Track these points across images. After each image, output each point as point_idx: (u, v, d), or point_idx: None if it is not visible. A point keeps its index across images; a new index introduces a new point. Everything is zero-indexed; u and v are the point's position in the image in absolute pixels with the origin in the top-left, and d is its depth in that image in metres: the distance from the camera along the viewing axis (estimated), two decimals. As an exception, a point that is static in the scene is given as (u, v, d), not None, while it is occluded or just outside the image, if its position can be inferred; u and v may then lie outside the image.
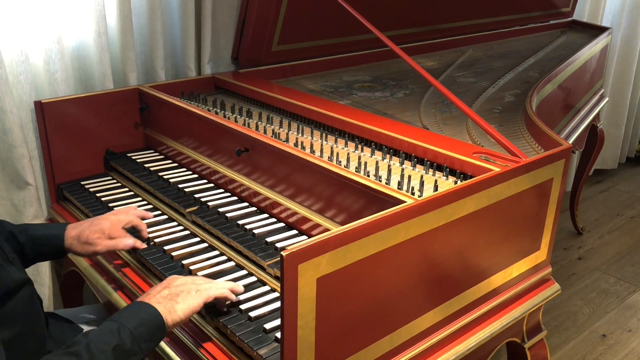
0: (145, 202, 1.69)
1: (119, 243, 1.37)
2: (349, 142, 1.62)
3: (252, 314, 1.19)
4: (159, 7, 2.01)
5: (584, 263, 3.13)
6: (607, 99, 3.18)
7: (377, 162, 1.46)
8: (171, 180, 1.73)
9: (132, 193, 1.76)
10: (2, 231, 1.33)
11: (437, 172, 1.43)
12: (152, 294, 1.12)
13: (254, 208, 1.57)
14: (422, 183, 1.32)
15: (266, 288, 1.29)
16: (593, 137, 3.19)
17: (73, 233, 1.37)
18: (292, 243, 1.40)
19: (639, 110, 4.39)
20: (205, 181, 1.74)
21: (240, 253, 1.40)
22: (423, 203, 1.11)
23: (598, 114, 3.02)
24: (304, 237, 1.43)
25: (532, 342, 1.54)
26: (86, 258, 1.56)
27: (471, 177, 1.32)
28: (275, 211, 1.52)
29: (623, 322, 2.64)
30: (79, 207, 1.72)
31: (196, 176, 1.77)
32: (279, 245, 1.39)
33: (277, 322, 1.17)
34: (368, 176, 1.37)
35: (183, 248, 1.44)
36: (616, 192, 4.01)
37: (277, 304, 1.23)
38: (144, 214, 1.51)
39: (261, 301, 1.24)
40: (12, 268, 1.12)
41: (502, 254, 1.36)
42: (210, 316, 1.20)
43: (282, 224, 1.49)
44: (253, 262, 1.36)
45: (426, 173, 1.43)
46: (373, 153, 1.54)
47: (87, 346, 0.97)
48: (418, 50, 2.73)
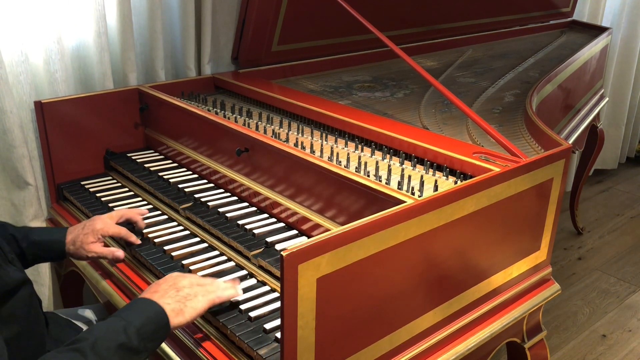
0: (145, 202, 1.69)
1: (108, 253, 1.38)
2: (349, 142, 1.62)
3: (252, 314, 1.19)
4: (159, 7, 2.01)
5: (584, 263, 3.13)
6: (607, 99, 3.18)
7: (377, 162, 1.46)
8: (171, 180, 1.73)
9: (132, 193, 1.76)
10: (4, 233, 1.33)
11: (437, 172, 1.43)
12: (159, 292, 1.10)
13: (254, 208, 1.57)
14: (422, 183, 1.32)
15: (266, 288, 1.29)
16: (593, 137, 3.19)
17: (69, 238, 1.39)
18: (292, 243, 1.40)
19: (639, 110, 4.39)
20: (205, 181, 1.74)
21: (240, 253, 1.40)
22: (423, 203, 1.11)
23: (598, 114, 3.02)
24: (304, 237, 1.43)
25: (532, 342, 1.54)
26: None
27: (471, 177, 1.32)
28: (275, 211, 1.52)
29: (623, 322, 2.64)
30: (79, 207, 1.72)
31: (196, 176, 1.77)
32: (279, 245, 1.39)
33: (277, 322, 1.17)
34: (368, 176, 1.37)
35: (183, 248, 1.44)
36: (616, 192, 4.01)
37: (277, 304, 1.23)
38: (139, 210, 1.53)
39: (261, 301, 1.24)
40: (12, 268, 1.12)
41: (502, 254, 1.36)
42: (210, 315, 1.20)
43: (282, 224, 1.49)
44: (253, 262, 1.36)
45: (426, 173, 1.43)
46: (373, 153, 1.54)
47: (93, 344, 0.96)
48: (418, 50, 2.73)
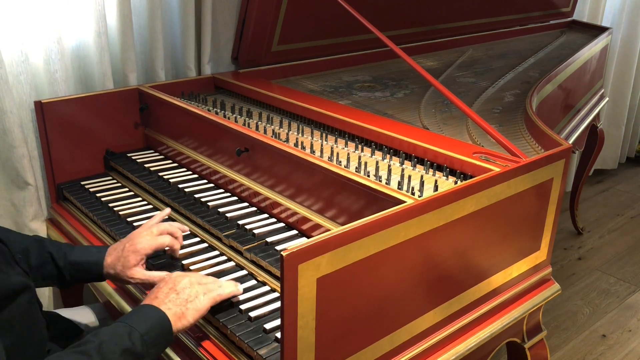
0: (145, 202, 1.69)
1: (158, 279, 1.26)
2: (349, 142, 1.62)
3: (252, 314, 1.19)
4: (159, 7, 2.01)
5: (584, 263, 3.13)
6: (607, 99, 3.18)
7: (377, 162, 1.46)
8: (171, 180, 1.73)
9: (132, 193, 1.75)
10: (41, 252, 1.29)
11: (437, 172, 1.43)
12: (160, 298, 1.10)
13: (254, 208, 1.57)
14: (422, 183, 1.32)
15: (266, 288, 1.29)
16: (593, 137, 3.19)
17: (109, 260, 1.29)
18: (292, 243, 1.40)
19: (639, 110, 4.39)
20: (205, 181, 1.74)
21: (240, 253, 1.40)
22: (423, 203, 1.11)
23: (598, 114, 3.02)
24: (304, 237, 1.43)
25: (532, 342, 1.54)
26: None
27: (471, 177, 1.32)
28: (275, 211, 1.52)
29: (623, 322, 2.64)
30: (79, 207, 1.72)
31: (196, 176, 1.77)
32: (279, 245, 1.39)
33: (277, 322, 1.17)
34: (368, 176, 1.37)
35: (183, 248, 1.44)
36: (616, 192, 4.01)
37: (277, 304, 1.23)
38: (181, 227, 1.40)
39: (261, 301, 1.24)
40: (14, 272, 1.08)
41: (502, 254, 1.36)
42: (210, 315, 1.20)
43: (282, 224, 1.49)
44: (253, 262, 1.36)
45: (426, 173, 1.43)
46: (373, 153, 1.54)
47: (99, 347, 0.96)
48: (418, 50, 2.73)
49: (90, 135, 1.87)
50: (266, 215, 1.54)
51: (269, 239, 1.40)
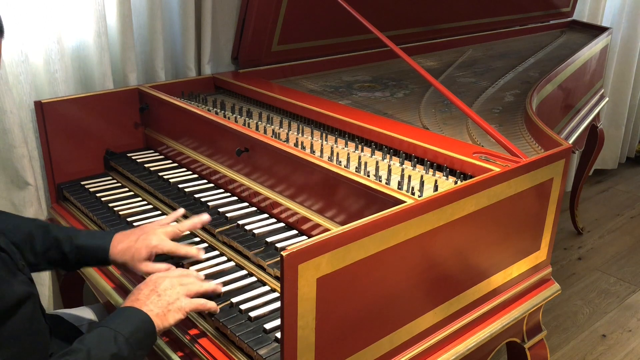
0: (145, 202, 1.69)
1: (158, 268, 1.28)
2: (349, 142, 1.62)
3: (252, 314, 1.19)
4: (159, 7, 2.01)
5: (584, 263, 3.13)
6: (607, 99, 3.18)
7: (377, 162, 1.46)
8: (171, 180, 1.73)
9: (132, 193, 1.75)
10: (47, 236, 1.30)
11: (437, 172, 1.43)
12: (141, 299, 1.11)
13: (254, 208, 1.57)
14: (422, 183, 1.32)
15: (266, 288, 1.29)
16: (593, 137, 3.19)
17: (119, 247, 1.30)
18: (292, 243, 1.40)
19: (639, 110, 4.39)
20: (205, 181, 1.74)
21: (240, 253, 1.40)
22: (423, 203, 1.11)
23: (598, 114, 3.02)
24: (304, 237, 1.43)
25: (532, 342, 1.54)
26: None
27: (471, 177, 1.32)
28: (275, 211, 1.52)
29: (623, 322, 2.64)
30: (79, 207, 1.72)
31: (196, 176, 1.77)
32: (279, 245, 1.39)
33: (277, 322, 1.17)
34: (368, 176, 1.37)
35: (183, 248, 1.44)
36: (616, 192, 4.01)
37: (277, 304, 1.23)
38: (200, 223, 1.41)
39: (261, 301, 1.24)
40: (17, 280, 1.07)
41: (502, 254, 1.36)
42: (209, 316, 1.20)
43: (282, 224, 1.49)
44: (253, 262, 1.36)
45: (426, 173, 1.43)
46: (373, 153, 1.54)
47: (88, 354, 0.97)
48: (418, 50, 2.73)
49: (90, 135, 1.87)
50: (266, 215, 1.54)
51: (269, 239, 1.40)
